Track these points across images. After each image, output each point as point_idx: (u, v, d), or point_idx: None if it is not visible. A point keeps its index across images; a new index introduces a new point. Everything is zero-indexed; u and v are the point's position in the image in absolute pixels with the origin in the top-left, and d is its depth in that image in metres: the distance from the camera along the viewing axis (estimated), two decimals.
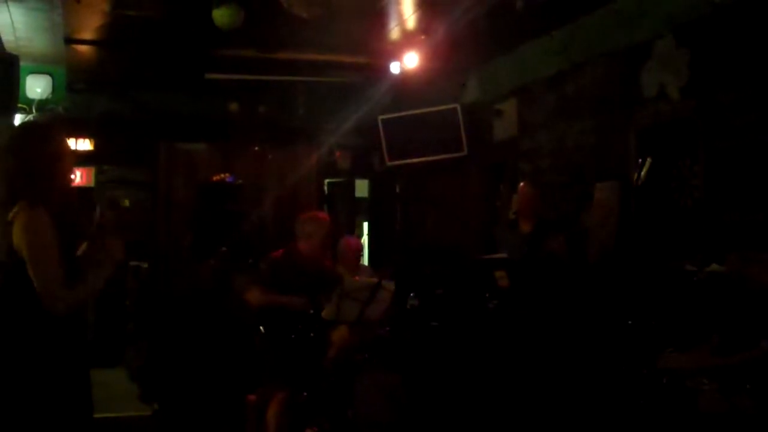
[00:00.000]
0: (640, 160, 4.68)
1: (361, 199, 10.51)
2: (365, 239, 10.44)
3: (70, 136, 3.19)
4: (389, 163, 8.40)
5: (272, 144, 9.13)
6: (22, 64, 6.84)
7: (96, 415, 3.12)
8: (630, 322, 4.54)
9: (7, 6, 5.91)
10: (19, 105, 7.34)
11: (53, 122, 3.31)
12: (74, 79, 8.16)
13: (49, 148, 2.97)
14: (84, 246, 3.07)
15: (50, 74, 8.10)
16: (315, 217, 5.44)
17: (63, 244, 2.88)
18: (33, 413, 2.83)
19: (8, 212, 2.86)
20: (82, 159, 8.90)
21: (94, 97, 8.60)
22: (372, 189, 10.24)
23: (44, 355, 2.86)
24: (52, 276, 2.82)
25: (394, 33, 7.02)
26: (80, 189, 9.08)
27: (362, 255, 7.67)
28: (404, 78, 7.61)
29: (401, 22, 6.70)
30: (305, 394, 4.99)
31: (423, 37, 6.94)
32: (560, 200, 6.73)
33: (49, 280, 2.81)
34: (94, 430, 3.12)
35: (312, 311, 5.05)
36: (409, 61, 7.31)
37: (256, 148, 9.07)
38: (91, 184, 9.55)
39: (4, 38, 6.74)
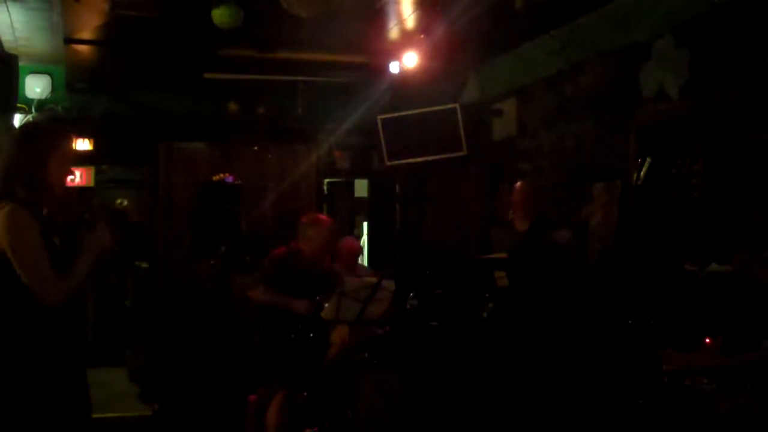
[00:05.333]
0: (639, 160, 4.68)
1: (361, 198, 10.51)
2: (365, 239, 10.43)
3: (66, 138, 3.14)
4: (389, 163, 8.40)
5: (272, 144, 9.12)
6: (21, 63, 6.86)
7: (96, 415, 3.11)
8: (630, 322, 4.54)
9: (7, 6, 5.91)
10: (19, 105, 7.34)
11: (47, 123, 3.28)
12: (73, 79, 8.15)
13: (37, 148, 2.95)
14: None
15: (49, 74, 8.10)
16: (317, 221, 5.41)
17: (47, 239, 2.87)
18: (27, 412, 2.82)
19: None
20: (82, 159, 8.89)
21: (94, 97, 8.58)
22: (371, 189, 10.23)
23: (36, 351, 2.84)
24: (40, 270, 2.81)
25: (394, 33, 7.02)
26: (80, 189, 9.07)
27: (361, 256, 7.67)
28: (403, 78, 7.60)
29: (400, 21, 6.70)
30: (305, 394, 4.99)
31: (422, 36, 6.94)
32: (560, 200, 6.73)
33: (38, 274, 2.80)
34: (92, 429, 3.12)
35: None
36: (408, 61, 7.29)
37: (256, 148, 9.06)
38: (91, 184, 9.55)
39: (4, 38, 6.74)
